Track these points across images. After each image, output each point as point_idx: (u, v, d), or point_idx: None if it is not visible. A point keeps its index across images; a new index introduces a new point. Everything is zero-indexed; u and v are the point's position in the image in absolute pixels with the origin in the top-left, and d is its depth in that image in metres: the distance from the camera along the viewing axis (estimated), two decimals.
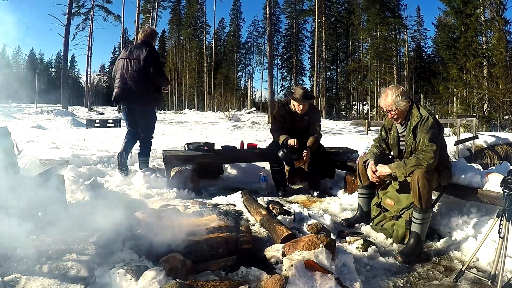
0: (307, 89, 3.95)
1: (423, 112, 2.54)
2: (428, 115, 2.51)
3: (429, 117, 2.50)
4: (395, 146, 2.75)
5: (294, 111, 3.89)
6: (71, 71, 55.17)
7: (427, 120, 2.49)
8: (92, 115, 22.34)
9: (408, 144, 2.60)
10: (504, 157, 7.32)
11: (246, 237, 2.23)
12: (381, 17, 32.88)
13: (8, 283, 1.75)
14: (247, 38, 47.75)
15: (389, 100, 2.59)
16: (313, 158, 3.88)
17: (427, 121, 2.49)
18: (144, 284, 1.64)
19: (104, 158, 5.15)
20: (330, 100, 40.39)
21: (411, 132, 2.57)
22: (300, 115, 3.89)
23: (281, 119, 3.91)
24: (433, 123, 2.48)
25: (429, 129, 2.46)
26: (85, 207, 2.98)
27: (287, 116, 3.90)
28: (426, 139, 2.43)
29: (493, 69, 19.51)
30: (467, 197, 2.62)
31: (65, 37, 25.08)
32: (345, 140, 7.63)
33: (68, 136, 9.18)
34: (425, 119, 2.50)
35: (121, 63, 3.92)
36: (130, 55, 3.90)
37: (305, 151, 3.76)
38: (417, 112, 2.56)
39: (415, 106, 2.61)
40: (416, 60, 35.23)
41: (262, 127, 15.70)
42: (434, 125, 2.48)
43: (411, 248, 2.33)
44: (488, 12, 22.41)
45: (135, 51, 3.90)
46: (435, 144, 2.41)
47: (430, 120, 2.49)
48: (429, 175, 2.38)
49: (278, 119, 3.93)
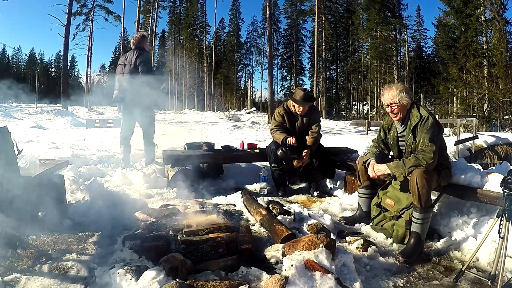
0: (308, 91, 3.91)
1: (423, 112, 2.54)
2: (428, 115, 2.51)
3: (429, 117, 2.50)
4: (395, 146, 2.75)
5: (293, 112, 3.89)
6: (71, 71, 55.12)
7: (427, 120, 2.49)
8: (92, 115, 22.32)
9: (408, 144, 2.60)
10: (504, 157, 7.31)
11: (246, 237, 2.23)
12: (381, 17, 32.85)
13: (8, 283, 1.75)
14: (247, 38, 47.78)
15: (393, 92, 2.60)
16: (312, 158, 3.88)
17: (427, 121, 2.49)
18: (144, 284, 1.64)
19: (104, 158, 5.15)
20: (330, 100, 40.33)
21: (411, 132, 2.57)
22: (299, 116, 3.89)
23: (280, 119, 3.91)
24: (433, 123, 2.48)
25: (429, 129, 2.46)
26: (85, 207, 2.99)
27: (286, 116, 3.90)
28: (426, 139, 2.43)
29: (493, 69, 19.50)
30: (467, 197, 2.62)
31: (65, 37, 25.05)
32: (345, 140, 7.62)
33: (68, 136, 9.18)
34: (425, 119, 2.50)
35: (118, 69, 4.47)
36: (125, 60, 4.42)
37: (305, 151, 3.76)
38: (417, 112, 2.56)
39: (415, 106, 2.61)
40: (416, 60, 35.20)
41: (262, 127, 15.69)
42: (434, 125, 2.48)
43: (411, 248, 2.33)
44: (488, 12, 22.42)
45: (128, 56, 4.42)
46: (435, 144, 2.41)
47: (430, 120, 2.49)
48: (428, 175, 2.38)
49: (278, 118, 3.93)
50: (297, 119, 3.91)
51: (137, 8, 25.32)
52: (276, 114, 4.00)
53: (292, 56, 43.34)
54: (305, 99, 3.76)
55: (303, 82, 44.15)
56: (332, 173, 4.28)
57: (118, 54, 44.05)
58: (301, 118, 3.90)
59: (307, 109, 3.88)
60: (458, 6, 23.82)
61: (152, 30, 34.87)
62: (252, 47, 47.13)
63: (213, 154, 4.22)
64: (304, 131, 3.91)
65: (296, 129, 3.91)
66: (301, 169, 3.99)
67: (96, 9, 33.30)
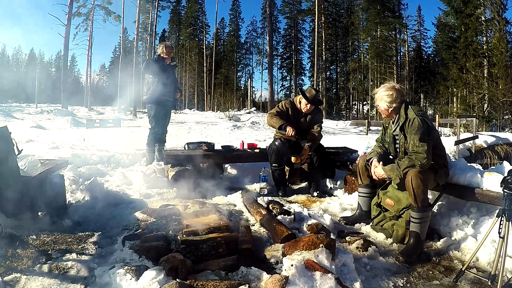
0: (319, 93, 4.07)
1: (410, 113, 2.52)
2: (415, 116, 2.47)
3: (416, 118, 2.46)
4: (391, 144, 2.76)
5: (299, 108, 3.96)
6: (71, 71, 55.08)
7: (413, 121, 2.47)
8: (92, 115, 22.34)
9: (401, 143, 2.61)
10: (504, 157, 7.31)
11: (246, 237, 2.23)
12: (381, 16, 32.83)
13: (8, 282, 1.75)
14: (246, 38, 47.72)
15: (378, 95, 2.65)
16: (312, 158, 3.89)
17: (413, 122, 2.47)
18: (144, 283, 1.64)
19: (104, 158, 5.15)
20: (330, 100, 40.33)
21: (401, 131, 2.58)
22: (303, 114, 3.95)
23: (284, 110, 3.97)
24: (420, 123, 2.44)
25: (417, 130, 2.44)
26: (85, 207, 2.99)
27: (291, 110, 3.97)
28: (416, 140, 2.42)
29: (493, 69, 19.49)
30: (467, 197, 2.61)
31: (65, 37, 25.05)
32: (345, 140, 7.62)
33: (68, 136, 9.18)
34: (411, 120, 2.49)
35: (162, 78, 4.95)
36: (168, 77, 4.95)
37: (306, 145, 3.80)
38: (403, 113, 2.56)
39: (404, 106, 2.58)
40: (416, 60, 35.20)
41: (262, 127, 15.69)
42: (421, 125, 2.44)
43: (411, 248, 2.33)
44: (488, 12, 22.43)
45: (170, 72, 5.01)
46: (426, 143, 2.40)
47: (416, 120, 2.45)
48: (423, 174, 2.37)
49: (282, 107, 4.00)
50: (300, 116, 3.97)
51: (137, 8, 25.32)
52: (281, 104, 4.07)
53: (291, 56, 43.33)
54: (314, 100, 3.89)
55: (303, 82, 44.17)
56: (332, 173, 4.29)
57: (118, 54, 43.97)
58: (305, 117, 3.96)
59: (312, 109, 3.95)
60: (458, 6, 23.81)
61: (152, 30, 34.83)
62: (251, 47, 47.14)
63: (213, 154, 4.22)
64: (306, 130, 3.96)
65: (298, 127, 3.94)
66: (301, 164, 4.00)
67: (95, 9, 33.29)
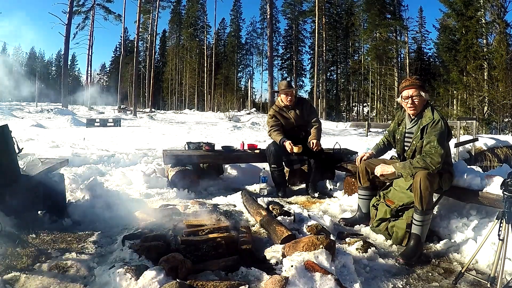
0: (288, 79, 4.19)
1: (436, 115, 2.53)
2: (439, 118, 2.50)
3: (440, 121, 2.48)
4: (401, 142, 2.75)
5: (283, 106, 4.04)
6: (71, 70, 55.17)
7: (438, 123, 2.48)
8: (92, 114, 22.36)
9: (414, 142, 2.59)
10: (504, 160, 7.33)
11: (246, 237, 2.23)
12: (381, 18, 32.84)
13: (8, 281, 1.75)
14: (246, 39, 47.74)
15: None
16: (309, 159, 3.95)
17: (438, 123, 2.47)
18: (144, 283, 1.64)
19: (104, 157, 5.15)
20: (330, 101, 40.35)
21: (419, 130, 2.56)
22: (290, 108, 4.02)
23: (273, 119, 4.04)
24: (443, 127, 2.46)
25: (438, 132, 2.44)
26: (84, 206, 2.99)
27: (278, 114, 4.05)
28: (435, 141, 2.41)
29: (493, 72, 19.49)
30: (467, 199, 2.61)
31: (65, 36, 25.08)
32: (345, 142, 7.62)
33: (68, 135, 9.18)
34: (436, 121, 2.49)
35: None
36: None
37: (313, 142, 3.82)
38: (430, 113, 2.55)
39: (430, 107, 2.60)
40: (416, 62, 35.20)
41: (262, 128, 15.71)
42: (444, 129, 2.46)
43: (411, 250, 2.33)
44: (489, 15, 22.43)
45: None
46: (443, 148, 2.41)
47: (440, 123, 2.47)
48: (432, 177, 2.38)
49: (270, 120, 4.08)
50: (289, 112, 4.03)
51: (138, 7, 25.36)
52: (269, 114, 4.17)
53: (292, 57, 43.35)
54: (289, 85, 4.01)
55: (303, 83, 44.27)
56: (332, 174, 4.29)
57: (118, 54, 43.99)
58: (293, 110, 4.03)
59: (296, 100, 4.04)
60: (459, 9, 23.83)
61: (152, 30, 34.88)
62: (251, 48, 47.16)
63: (213, 155, 4.22)
64: (301, 123, 4.04)
65: (294, 122, 4.03)
66: (301, 170, 4.02)
67: (96, 8, 33.33)
